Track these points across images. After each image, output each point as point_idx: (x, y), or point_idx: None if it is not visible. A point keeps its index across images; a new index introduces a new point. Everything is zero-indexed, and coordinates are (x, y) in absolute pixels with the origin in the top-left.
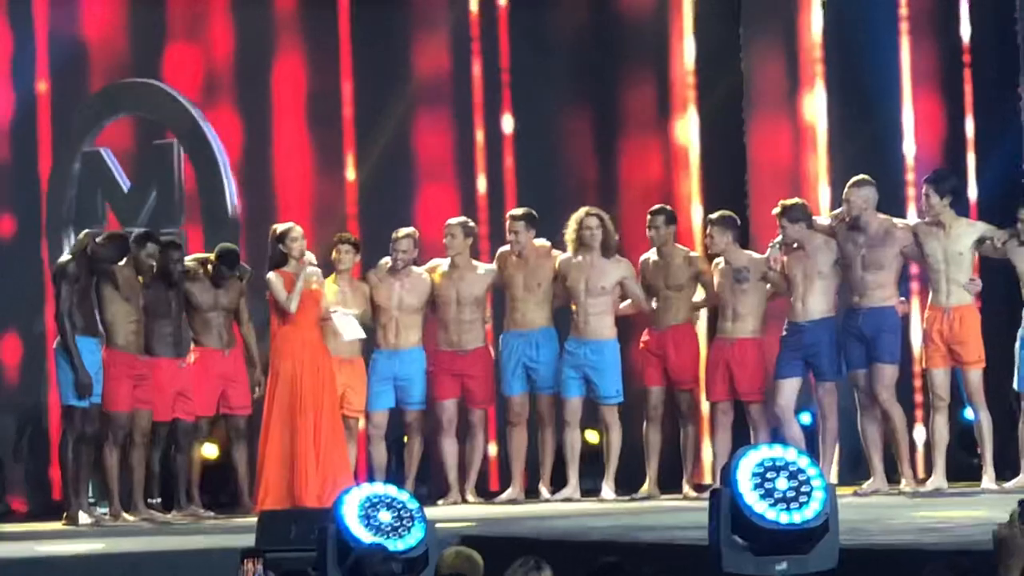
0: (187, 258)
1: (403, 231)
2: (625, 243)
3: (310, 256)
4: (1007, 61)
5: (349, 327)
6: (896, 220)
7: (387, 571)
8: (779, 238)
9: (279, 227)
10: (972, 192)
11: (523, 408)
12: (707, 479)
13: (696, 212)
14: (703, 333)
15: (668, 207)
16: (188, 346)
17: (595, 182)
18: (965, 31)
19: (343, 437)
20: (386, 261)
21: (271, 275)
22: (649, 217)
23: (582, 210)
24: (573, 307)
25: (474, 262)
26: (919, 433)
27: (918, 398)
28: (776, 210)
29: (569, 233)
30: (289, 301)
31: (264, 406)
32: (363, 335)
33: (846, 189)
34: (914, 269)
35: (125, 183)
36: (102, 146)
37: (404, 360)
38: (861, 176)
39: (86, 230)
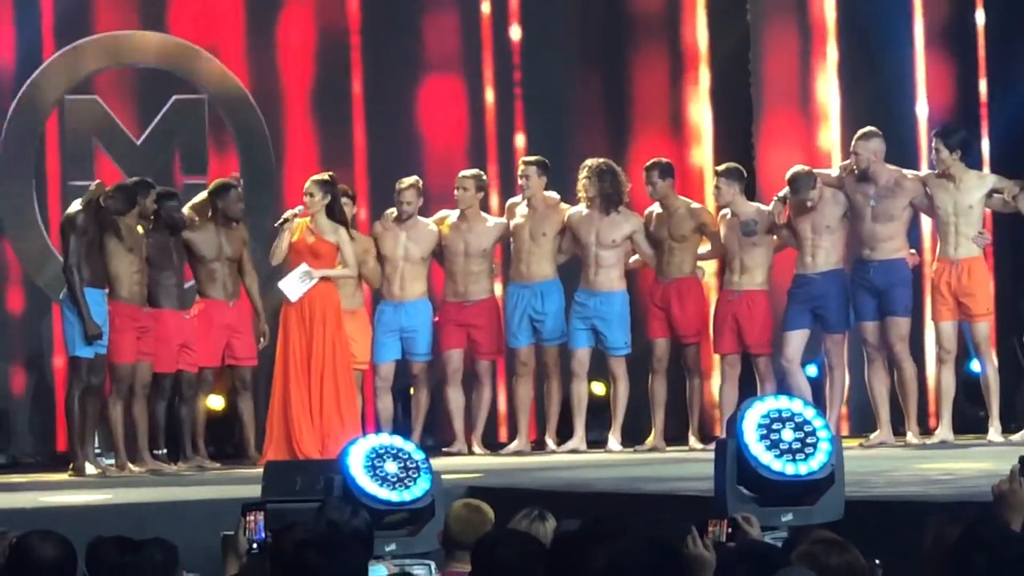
0: (184, 207)
1: (407, 181)
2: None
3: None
4: (1016, 11)
5: (290, 290)
6: (906, 171)
7: (362, 521)
8: (783, 192)
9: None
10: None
11: (529, 360)
12: (713, 431)
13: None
14: (713, 286)
15: (663, 160)
16: (192, 298)
17: (603, 105)
18: None
19: (352, 389)
20: (392, 211)
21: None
22: (645, 173)
23: (595, 160)
24: (585, 258)
25: (483, 214)
26: (929, 385)
27: (928, 350)
28: (786, 190)
29: (582, 182)
30: (271, 254)
31: (276, 358)
32: (302, 292)
33: (853, 142)
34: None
35: (132, 134)
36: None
37: (409, 311)
38: (869, 128)
39: (97, 181)
